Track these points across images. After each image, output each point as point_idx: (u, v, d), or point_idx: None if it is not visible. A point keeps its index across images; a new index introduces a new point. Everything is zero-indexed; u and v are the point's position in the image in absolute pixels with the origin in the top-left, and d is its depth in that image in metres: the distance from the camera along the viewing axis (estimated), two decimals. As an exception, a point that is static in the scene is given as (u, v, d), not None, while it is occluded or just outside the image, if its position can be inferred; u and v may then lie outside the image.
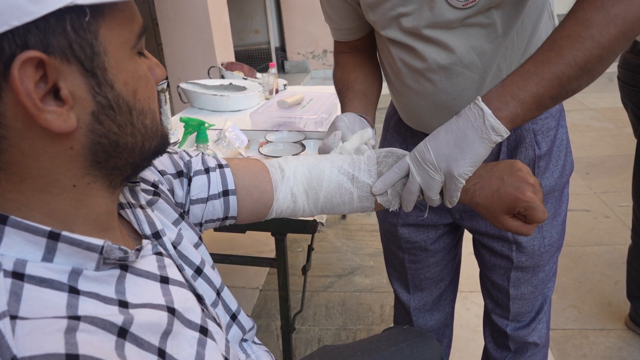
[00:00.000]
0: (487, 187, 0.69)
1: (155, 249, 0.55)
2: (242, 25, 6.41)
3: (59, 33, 0.39)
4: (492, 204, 0.69)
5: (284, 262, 1.36)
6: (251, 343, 0.73)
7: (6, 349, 0.35)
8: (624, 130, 3.74)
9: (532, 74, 0.65)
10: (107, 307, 0.44)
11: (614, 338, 1.76)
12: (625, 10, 0.62)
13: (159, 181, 0.66)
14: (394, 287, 1.23)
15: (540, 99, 0.65)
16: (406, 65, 0.88)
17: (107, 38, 0.42)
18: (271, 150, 1.50)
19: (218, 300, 0.65)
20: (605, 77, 5.42)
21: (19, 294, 0.39)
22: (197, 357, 0.49)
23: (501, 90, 0.66)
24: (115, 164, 0.47)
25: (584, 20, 0.63)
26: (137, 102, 0.46)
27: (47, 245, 0.42)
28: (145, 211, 0.58)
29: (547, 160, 0.92)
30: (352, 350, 0.94)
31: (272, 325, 1.93)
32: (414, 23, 0.81)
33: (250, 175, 0.74)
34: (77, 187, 0.45)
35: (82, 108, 0.42)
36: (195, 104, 2.14)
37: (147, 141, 0.49)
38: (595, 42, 0.63)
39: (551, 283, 1.07)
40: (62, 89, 0.40)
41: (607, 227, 2.46)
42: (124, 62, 0.44)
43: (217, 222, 0.74)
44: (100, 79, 0.42)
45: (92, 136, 0.43)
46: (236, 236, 2.44)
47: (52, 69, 0.39)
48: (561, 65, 0.64)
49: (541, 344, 1.12)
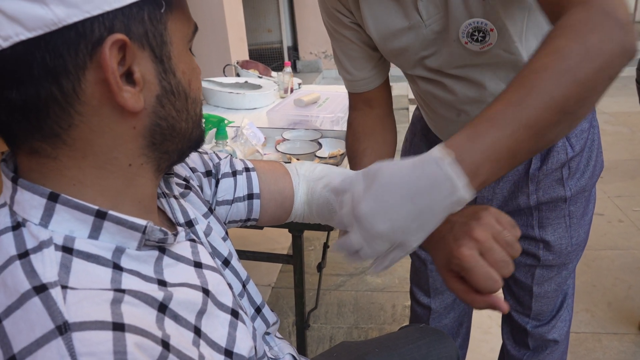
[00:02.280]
0: (436, 233, 0.54)
1: (188, 235, 0.57)
2: (255, 24, 6.43)
3: (138, 21, 0.43)
4: (436, 253, 0.57)
5: (301, 259, 1.37)
6: (274, 337, 0.74)
7: (58, 314, 0.37)
8: (638, 134, 3.71)
9: (504, 121, 0.52)
10: (148, 285, 0.46)
11: (628, 342, 1.75)
12: (601, 40, 0.52)
13: (190, 177, 0.68)
14: (413, 290, 1.24)
15: (515, 153, 0.52)
16: (436, 98, 0.89)
17: (173, 30, 0.47)
18: (288, 148, 1.51)
19: (244, 292, 0.67)
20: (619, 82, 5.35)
21: (69, 266, 0.41)
22: (229, 337, 0.51)
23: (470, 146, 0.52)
24: (167, 148, 0.50)
25: (559, 49, 0.53)
26: (192, 91, 0.50)
27: (94, 224, 0.44)
28: (178, 201, 0.61)
29: (578, 161, 0.92)
30: (369, 347, 0.95)
31: (285, 322, 1.94)
32: (438, 63, 0.82)
33: (275, 180, 0.77)
34: (132, 166, 0.48)
35: (149, 91, 0.46)
36: (211, 101, 2.15)
37: (195, 129, 0.53)
38: (574, 77, 0.51)
39: (571, 280, 1.08)
40: (136, 72, 0.44)
41: (621, 231, 2.44)
42: (183, 54, 0.49)
43: (239, 223, 0.77)
44: (166, 65, 0.46)
45: (154, 117, 0.47)
46: (249, 233, 2.45)
47: (131, 53, 0.43)
48: (538, 108, 0.51)
49: (560, 341, 1.12)
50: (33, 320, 0.37)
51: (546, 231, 0.96)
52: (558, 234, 0.96)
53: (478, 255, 0.51)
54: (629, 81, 1.65)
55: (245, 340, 0.53)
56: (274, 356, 0.70)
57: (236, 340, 0.52)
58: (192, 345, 0.46)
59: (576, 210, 0.95)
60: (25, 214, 0.44)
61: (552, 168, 0.91)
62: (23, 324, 0.37)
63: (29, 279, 0.39)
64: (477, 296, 0.52)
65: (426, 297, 1.20)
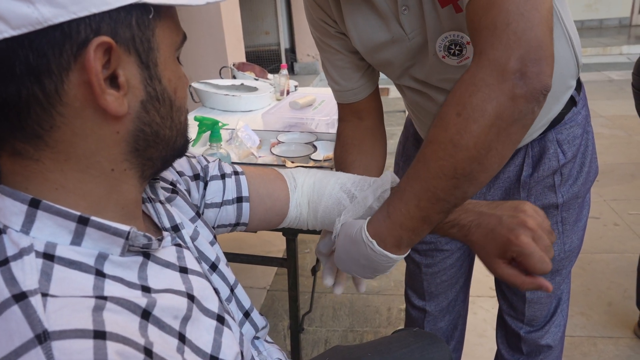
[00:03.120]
0: (484, 226, 0.64)
1: (174, 240, 0.56)
2: (252, 26, 6.43)
3: (125, 25, 0.43)
4: (486, 244, 0.64)
5: (295, 262, 1.37)
6: (263, 341, 0.74)
7: (38, 323, 0.36)
8: (634, 138, 3.71)
9: (410, 195, 0.61)
10: (131, 291, 0.45)
11: (623, 346, 1.75)
12: (483, 100, 0.55)
13: (177, 181, 0.68)
14: (407, 293, 1.24)
15: (427, 219, 0.61)
16: (423, 108, 0.90)
17: (160, 37, 0.46)
18: (283, 151, 1.50)
19: (232, 296, 0.67)
20: (616, 85, 5.42)
21: (50, 273, 0.41)
22: (215, 344, 0.51)
23: (389, 223, 0.63)
24: (151, 155, 0.50)
25: (442, 119, 0.58)
26: (177, 99, 0.50)
27: (76, 230, 0.44)
28: (164, 206, 0.60)
29: (570, 168, 0.92)
30: (362, 351, 0.95)
31: (280, 325, 1.93)
32: (422, 75, 0.83)
33: (264, 184, 0.76)
34: (114, 171, 0.47)
35: (134, 96, 0.45)
36: (207, 103, 2.15)
37: (179, 137, 0.52)
38: (456, 146, 0.56)
39: (565, 285, 1.07)
40: (120, 75, 0.43)
41: (617, 234, 2.45)
42: (170, 62, 0.48)
43: (228, 228, 0.76)
44: (152, 72, 0.46)
45: (138, 123, 0.46)
46: (244, 236, 2.45)
47: (116, 56, 0.42)
48: (431, 179, 0.58)
49: (554, 346, 1.12)
50: (12, 329, 0.36)
51: None
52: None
53: (533, 242, 0.59)
54: (626, 84, 1.66)
55: (231, 347, 0.53)
56: None
57: (222, 347, 0.51)
58: (176, 352, 0.45)
59: (569, 216, 0.95)
60: (6, 221, 0.43)
61: (543, 175, 0.91)
62: (2, 333, 0.37)
63: (8, 287, 0.38)
64: (528, 278, 0.61)
65: (421, 300, 1.20)
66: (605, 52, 6.67)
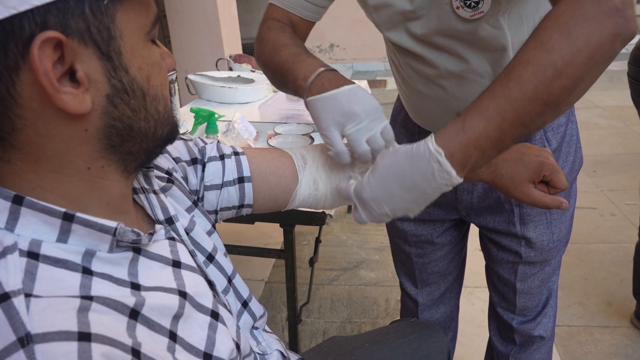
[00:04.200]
0: (509, 159, 0.71)
1: (168, 234, 0.55)
2: (249, 18, 6.39)
3: (77, 15, 0.39)
4: (517, 173, 0.71)
5: (292, 254, 1.37)
6: (262, 331, 0.73)
7: (20, 325, 0.35)
8: (632, 128, 3.72)
9: (493, 114, 0.57)
10: (120, 289, 0.44)
11: (619, 335, 1.76)
12: (588, 32, 0.54)
13: (173, 169, 0.66)
14: (401, 281, 1.24)
15: (501, 144, 0.58)
16: (415, 71, 0.87)
17: (123, 22, 0.42)
18: (280, 143, 1.50)
19: (229, 287, 0.66)
20: (613, 75, 5.40)
21: (34, 273, 0.39)
22: (208, 340, 0.50)
23: (463, 138, 0.58)
24: (130, 149, 0.47)
25: (544, 42, 0.55)
26: (151, 87, 0.46)
27: (62, 226, 0.42)
28: (158, 197, 0.59)
29: (556, 157, 0.92)
30: (360, 341, 0.95)
31: (278, 317, 1.94)
32: (423, 30, 0.78)
33: (267, 162, 0.73)
34: (91, 169, 0.45)
35: (97, 91, 0.42)
36: (204, 95, 2.14)
37: (159, 127, 0.49)
38: (557, 71, 0.54)
39: (556, 276, 1.08)
40: (79, 70, 0.40)
41: (614, 224, 2.46)
42: (138, 48, 0.45)
43: (232, 211, 0.73)
44: (116, 62, 0.42)
45: (107, 119, 0.43)
46: (242, 229, 2.45)
47: (70, 51, 0.39)
48: (523, 101, 0.56)
49: (547, 337, 1.12)
50: None
51: (527, 228, 0.96)
52: (539, 231, 0.96)
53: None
54: (623, 75, 1.66)
55: (225, 343, 0.52)
56: (261, 351, 0.69)
57: (215, 343, 0.50)
58: (167, 351, 0.44)
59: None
60: None
61: None
62: None
63: None
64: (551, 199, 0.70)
65: (414, 288, 1.20)
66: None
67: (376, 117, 0.66)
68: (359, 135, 0.65)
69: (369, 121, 0.66)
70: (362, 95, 0.67)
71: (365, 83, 2.28)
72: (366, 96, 0.67)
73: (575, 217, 2.48)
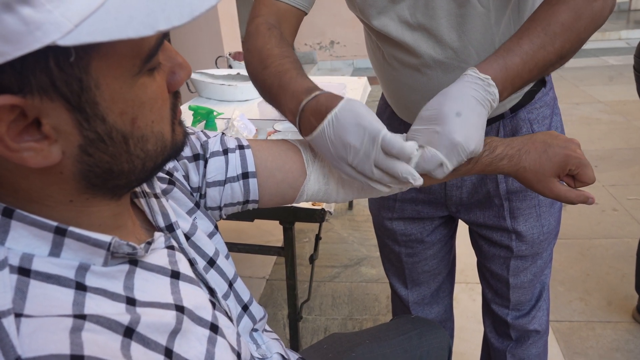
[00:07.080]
0: (533, 151, 0.69)
1: (167, 242, 0.53)
2: (248, 15, 6.37)
3: (39, 71, 0.35)
4: (541, 166, 0.69)
5: (292, 251, 1.37)
6: (261, 333, 0.72)
7: (10, 349, 0.34)
8: (633, 123, 3.71)
9: (530, 59, 0.67)
10: (114, 305, 0.43)
11: (621, 330, 1.76)
12: (602, 7, 0.67)
13: (174, 168, 0.64)
14: (391, 282, 1.23)
15: (524, 84, 0.69)
16: (399, 61, 0.86)
17: (101, 70, 0.37)
18: (279, 140, 1.50)
19: (230, 291, 0.64)
20: (614, 70, 5.39)
21: (25, 291, 0.38)
22: (207, 355, 0.49)
23: (505, 74, 0.66)
24: (115, 184, 0.45)
25: (577, 10, 0.67)
26: (136, 129, 0.42)
27: (54, 240, 0.41)
28: (159, 201, 0.57)
29: None
30: (360, 338, 0.95)
31: (279, 314, 1.94)
32: (409, 12, 0.78)
33: (274, 156, 0.70)
34: (74, 202, 0.43)
35: (69, 142, 0.39)
36: (203, 93, 2.14)
37: (148, 162, 0.45)
38: (578, 35, 0.67)
39: (548, 270, 1.08)
40: (44, 124, 0.37)
41: (615, 220, 2.45)
42: (122, 93, 0.40)
43: (237, 206, 0.70)
44: (89, 113, 0.38)
45: (82, 165, 0.41)
46: (243, 226, 2.45)
47: (31, 108, 0.36)
48: (552, 54, 0.67)
49: (542, 331, 1.13)
50: None
51: (518, 222, 0.96)
52: (530, 224, 0.96)
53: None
54: (625, 69, 1.65)
55: (224, 357, 0.51)
56: (261, 355, 0.68)
57: (215, 358, 0.49)
58: None
59: (544, 199, 0.95)
60: None
61: None
62: None
63: None
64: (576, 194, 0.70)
65: (404, 289, 1.19)
66: (604, 37, 6.62)
67: (368, 137, 0.60)
68: (363, 165, 0.62)
69: (365, 145, 0.61)
70: (345, 119, 0.61)
71: (365, 80, 2.28)
72: (350, 117, 0.61)
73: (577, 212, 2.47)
